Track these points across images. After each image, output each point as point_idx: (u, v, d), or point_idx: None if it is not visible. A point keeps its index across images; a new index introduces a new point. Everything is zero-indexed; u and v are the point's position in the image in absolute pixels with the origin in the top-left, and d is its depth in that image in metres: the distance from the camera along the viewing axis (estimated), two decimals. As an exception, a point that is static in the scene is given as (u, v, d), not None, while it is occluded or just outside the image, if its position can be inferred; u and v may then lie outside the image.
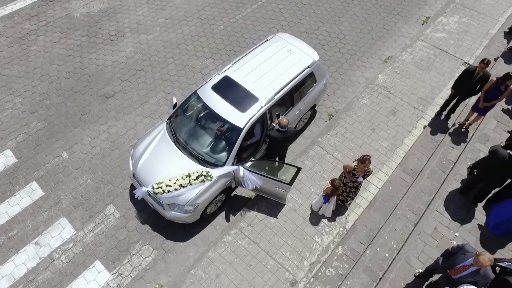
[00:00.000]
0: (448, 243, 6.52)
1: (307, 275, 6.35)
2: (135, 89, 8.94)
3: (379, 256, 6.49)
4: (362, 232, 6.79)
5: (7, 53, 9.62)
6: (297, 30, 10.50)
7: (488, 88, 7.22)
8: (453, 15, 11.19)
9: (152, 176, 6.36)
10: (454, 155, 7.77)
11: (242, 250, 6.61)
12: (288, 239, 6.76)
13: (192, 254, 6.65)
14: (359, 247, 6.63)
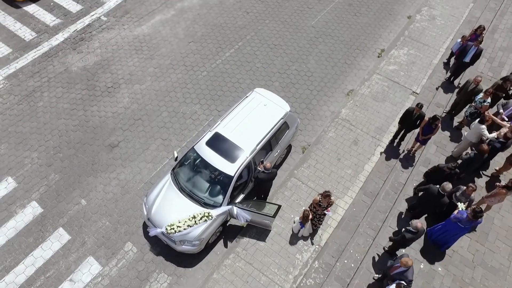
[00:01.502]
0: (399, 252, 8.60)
1: (292, 286, 8.30)
2: (136, 137, 10.63)
3: (347, 266, 8.50)
4: (333, 248, 8.79)
5: (17, 111, 11.11)
6: (270, 71, 12.40)
7: (424, 125, 9.33)
8: (403, 48, 13.35)
9: (164, 219, 8.14)
10: (403, 178, 9.88)
11: (240, 270, 8.49)
12: (275, 258, 8.68)
13: (200, 277, 8.49)
14: (331, 260, 8.62)
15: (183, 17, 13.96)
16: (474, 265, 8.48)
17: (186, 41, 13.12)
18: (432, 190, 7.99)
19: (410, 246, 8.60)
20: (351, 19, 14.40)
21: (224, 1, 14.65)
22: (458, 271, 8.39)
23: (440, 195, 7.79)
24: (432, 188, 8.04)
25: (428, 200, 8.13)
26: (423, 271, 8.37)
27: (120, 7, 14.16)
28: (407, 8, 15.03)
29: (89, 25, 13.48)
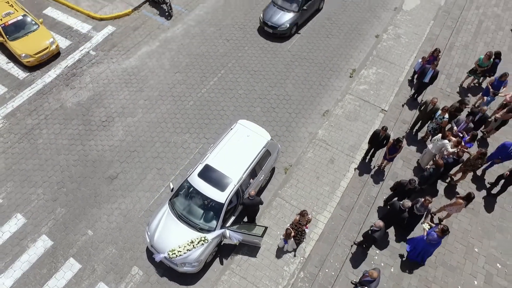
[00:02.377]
0: (371, 259, 10.07)
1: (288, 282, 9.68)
2: (132, 168, 11.81)
3: (328, 275, 9.92)
4: (316, 259, 10.19)
5: (19, 149, 12.13)
6: (252, 97, 13.72)
7: (389, 147, 10.82)
8: (372, 67, 14.86)
9: (166, 245, 9.38)
10: (375, 191, 11.36)
11: (235, 285, 9.80)
12: (266, 272, 10.02)
13: None
14: (315, 270, 10.02)
15: (168, 47, 15.13)
16: (436, 265, 10.02)
17: (172, 72, 14.31)
18: (395, 206, 9.48)
19: (383, 253, 10.09)
20: (324, 41, 15.83)
21: (205, 30, 15.88)
22: (422, 272, 9.91)
23: (401, 211, 9.28)
24: (395, 204, 9.52)
25: (392, 215, 9.61)
26: (394, 274, 9.85)
27: (107, 40, 15.23)
28: (375, 27, 16.56)
29: (79, 60, 14.52)
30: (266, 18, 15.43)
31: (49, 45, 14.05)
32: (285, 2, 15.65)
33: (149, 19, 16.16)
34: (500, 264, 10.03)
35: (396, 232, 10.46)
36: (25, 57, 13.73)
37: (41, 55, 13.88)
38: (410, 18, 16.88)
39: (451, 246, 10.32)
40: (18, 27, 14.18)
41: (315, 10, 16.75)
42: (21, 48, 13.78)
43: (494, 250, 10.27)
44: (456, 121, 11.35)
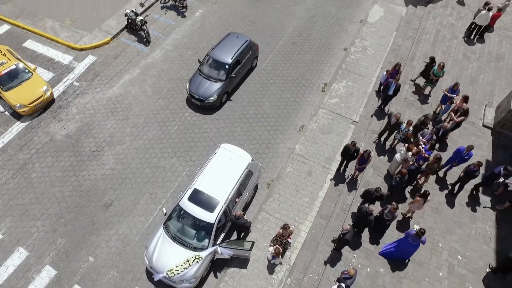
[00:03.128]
0: (350, 261, 11.45)
1: (272, 301, 10.94)
2: (126, 195, 12.82)
3: (312, 279, 11.24)
4: (300, 265, 11.50)
5: (14, 185, 12.95)
6: (232, 118, 14.90)
7: (359, 158, 12.21)
8: (342, 80, 16.27)
9: (164, 265, 10.49)
10: (349, 199, 12.75)
11: (229, 296, 11.01)
12: (256, 281, 11.26)
13: None
14: (300, 276, 11.33)
15: (149, 74, 16.13)
16: (406, 261, 11.48)
17: (154, 98, 15.33)
18: (362, 210, 10.92)
19: (359, 256, 11.48)
20: (296, 58, 17.16)
21: (183, 54, 16.94)
22: (395, 268, 11.34)
23: (367, 214, 10.71)
24: (363, 208, 10.96)
25: (360, 218, 11.05)
26: (370, 273, 11.26)
27: (90, 70, 16.10)
28: (343, 41, 17.99)
29: (64, 92, 15.36)
30: (192, 90, 14.62)
31: (44, 93, 14.33)
32: (212, 70, 14.85)
33: (128, 46, 17.09)
34: (461, 255, 11.58)
35: (370, 236, 11.87)
36: (20, 107, 14.01)
37: (36, 104, 14.15)
38: (375, 30, 18.40)
39: (419, 244, 11.80)
40: (11, 77, 14.38)
41: (249, 69, 16.21)
42: (16, 99, 14.01)
43: (455, 244, 11.82)
44: (422, 133, 12.84)
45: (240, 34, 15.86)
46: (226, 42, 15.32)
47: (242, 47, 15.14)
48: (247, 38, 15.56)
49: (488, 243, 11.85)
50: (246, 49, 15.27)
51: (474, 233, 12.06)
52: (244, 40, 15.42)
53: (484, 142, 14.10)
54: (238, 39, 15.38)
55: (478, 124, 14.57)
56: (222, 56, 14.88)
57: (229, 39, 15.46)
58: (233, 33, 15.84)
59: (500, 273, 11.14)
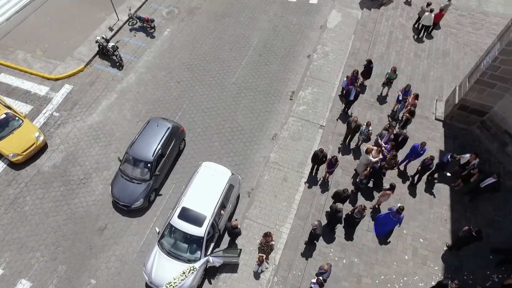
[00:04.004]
0: (327, 255, 13.05)
1: (262, 299, 12.41)
2: (118, 218, 13.89)
3: (296, 275, 12.77)
4: (284, 264, 13.01)
5: (7, 220, 13.76)
6: (209, 134, 16.12)
7: (328, 163, 13.76)
8: (308, 87, 17.75)
9: (162, 280, 11.74)
10: (323, 199, 14.32)
11: (224, 299, 12.40)
12: (247, 282, 12.69)
13: None
14: (285, 273, 12.84)
15: (126, 98, 17.08)
16: (376, 250, 13.20)
17: (134, 122, 16.33)
18: (332, 208, 12.55)
19: (336, 249, 13.09)
20: (264, 69, 18.49)
21: (156, 75, 17.95)
22: (367, 257, 13.05)
23: (336, 211, 12.34)
24: (332, 206, 12.59)
25: (331, 215, 12.69)
26: (346, 265, 12.90)
27: (68, 99, 16.88)
28: (306, 48, 19.45)
29: (45, 124, 16.11)
30: (116, 195, 13.60)
31: (36, 139, 14.62)
32: (134, 170, 13.82)
33: (102, 72, 17.92)
34: (422, 239, 13.41)
35: (345, 232, 13.50)
36: (13, 157, 14.27)
37: (29, 151, 14.46)
38: (334, 35, 19.94)
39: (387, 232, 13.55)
40: (2, 126, 14.53)
41: (177, 154, 15.29)
42: (8, 148, 14.24)
43: (417, 229, 13.63)
44: (380, 135, 14.50)
45: (161, 120, 14.69)
46: (146, 134, 14.18)
47: (164, 136, 14.06)
48: (168, 125, 14.44)
49: (444, 224, 13.73)
50: (169, 137, 14.22)
51: (432, 217, 13.91)
52: (166, 127, 14.30)
53: (437, 134, 15.98)
54: (159, 128, 14.26)
55: (431, 118, 16.43)
56: (143, 152, 13.74)
57: (149, 129, 14.30)
58: (153, 121, 14.63)
59: (455, 249, 13.02)
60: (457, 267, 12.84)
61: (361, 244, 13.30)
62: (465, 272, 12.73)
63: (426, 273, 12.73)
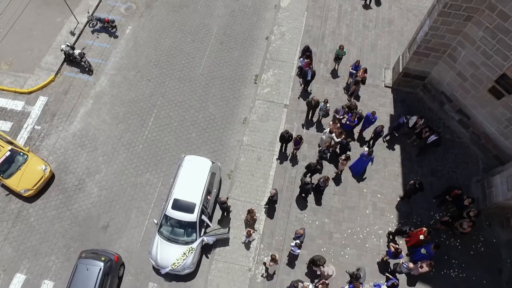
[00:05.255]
0: (304, 221, 15.69)
1: (253, 263, 15.06)
2: (117, 215, 15.91)
3: (278, 240, 15.39)
4: (267, 232, 15.58)
5: (17, 232, 15.52)
6: (186, 126, 17.92)
7: (294, 141, 16.03)
8: (269, 70, 19.55)
9: (167, 262, 14.09)
10: (294, 172, 16.75)
11: (222, 267, 14.97)
12: (238, 252, 15.23)
13: (201, 281, 14.79)
14: (269, 240, 15.46)
15: (102, 102, 18.41)
16: (342, 209, 15.95)
17: (114, 124, 17.86)
18: (302, 180, 15.10)
19: (309, 215, 15.75)
20: (226, 56, 20.03)
21: (126, 75, 19.21)
22: (335, 217, 15.80)
23: (305, 184, 14.86)
24: (302, 179, 15.12)
25: (302, 186, 15.26)
26: (318, 225, 15.62)
27: (46, 111, 18.05)
28: (263, 30, 20.96)
29: (30, 138, 17.41)
30: None
31: (43, 172, 15.61)
32: None
33: (73, 79, 19.00)
34: (380, 194, 16.24)
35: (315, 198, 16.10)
36: (25, 192, 15.34)
37: (39, 185, 15.48)
38: (288, 13, 21.45)
39: (350, 193, 16.26)
40: (9, 163, 15.35)
41: None
42: (19, 185, 15.23)
43: (375, 186, 16.41)
44: (336, 111, 16.75)
45: (90, 261, 13.63)
46: (77, 283, 13.38)
47: (97, 283, 13.29)
48: (99, 265, 13.50)
49: (397, 179, 16.57)
50: (102, 280, 13.41)
51: (387, 174, 16.69)
52: (97, 270, 13.41)
53: (387, 100, 18.44)
54: (89, 272, 13.43)
55: (381, 86, 18.80)
56: None
57: (79, 277, 13.44)
58: (81, 264, 13.64)
59: (406, 198, 15.93)
60: (408, 213, 15.83)
61: (330, 207, 16.00)
62: (414, 216, 15.76)
63: (384, 222, 15.68)
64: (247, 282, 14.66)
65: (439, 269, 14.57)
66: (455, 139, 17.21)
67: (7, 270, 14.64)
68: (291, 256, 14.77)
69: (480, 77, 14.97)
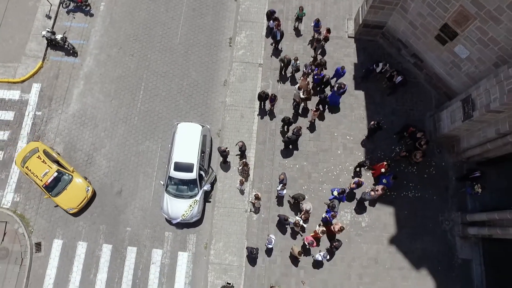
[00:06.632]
0: (286, 166, 18.87)
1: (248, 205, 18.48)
2: (127, 181, 18.83)
3: (266, 184, 18.65)
4: (257, 178, 18.76)
5: (45, 207, 18.39)
6: (173, 94, 20.16)
7: (270, 99, 18.61)
8: (242, 32, 21.40)
9: (177, 214, 17.37)
10: (273, 125, 19.56)
11: (223, 212, 18.37)
12: (235, 198, 18.53)
13: (208, 225, 18.26)
14: (259, 185, 18.69)
15: (92, 82, 20.34)
16: (317, 152, 19.11)
17: (108, 101, 20.02)
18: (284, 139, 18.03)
19: (290, 161, 18.90)
20: (200, 23, 21.67)
21: (110, 53, 20.89)
22: (311, 159, 18.97)
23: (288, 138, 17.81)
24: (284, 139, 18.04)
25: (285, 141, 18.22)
26: (298, 168, 18.84)
27: (42, 97, 20.00)
28: (231, -9, 22.34)
29: (34, 124, 19.59)
30: None
31: (86, 193, 17.65)
32: None
33: (60, 63, 20.65)
34: (348, 136, 19.35)
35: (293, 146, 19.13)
36: (71, 210, 17.59)
37: (82, 204, 17.66)
38: (252, -30, 22.65)
39: (323, 138, 19.33)
40: (56, 182, 17.36)
41: None
42: (66, 204, 17.43)
43: (344, 130, 19.44)
44: (305, 66, 19.12)
45: None
46: None
47: None
48: None
49: (363, 121, 19.58)
50: None
51: (354, 118, 19.67)
52: None
53: (350, 50, 20.79)
54: None
55: (344, 37, 21.00)
56: None
57: None
58: None
59: (370, 137, 19.09)
60: (373, 149, 19.10)
61: (307, 151, 19.13)
62: (378, 151, 19.06)
63: (354, 159, 18.98)
64: (245, 221, 18.20)
65: (399, 191, 18.28)
66: (411, 80, 19.97)
67: (45, 238, 17.83)
68: (279, 197, 18.21)
69: (427, 26, 17.36)
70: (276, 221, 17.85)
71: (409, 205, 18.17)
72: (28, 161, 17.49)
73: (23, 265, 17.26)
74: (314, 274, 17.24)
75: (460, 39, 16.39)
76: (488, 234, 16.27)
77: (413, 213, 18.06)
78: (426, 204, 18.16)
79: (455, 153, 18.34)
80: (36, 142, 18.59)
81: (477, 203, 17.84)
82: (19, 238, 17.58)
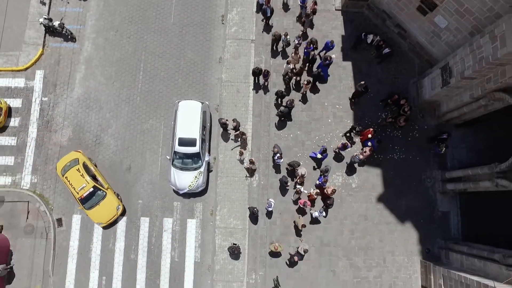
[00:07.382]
0: (281, 136, 20.56)
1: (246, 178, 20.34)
2: (135, 157, 20.49)
3: (263, 153, 20.42)
4: (255, 149, 20.53)
5: (62, 186, 20.14)
6: (171, 74, 21.44)
7: (263, 74, 19.98)
8: (233, 9, 22.37)
9: (184, 185, 19.20)
10: (268, 98, 21.04)
11: (226, 182, 20.21)
12: (235, 168, 20.36)
13: (213, 194, 20.19)
14: (256, 155, 20.47)
15: (93, 66, 21.49)
16: (310, 121, 20.74)
17: (110, 83, 21.29)
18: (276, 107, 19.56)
19: (282, 133, 20.59)
20: (192, 1, 22.54)
21: (107, 36, 21.89)
22: (305, 128, 20.62)
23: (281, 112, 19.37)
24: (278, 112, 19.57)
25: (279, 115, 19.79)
26: (293, 137, 20.53)
27: (47, 83, 21.18)
28: (219, -33, 23.05)
29: (42, 109, 20.92)
30: None
31: (116, 211, 18.89)
32: None
33: (60, 48, 21.67)
34: (338, 105, 20.93)
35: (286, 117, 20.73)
36: (100, 224, 19.00)
37: (111, 221, 19.04)
38: None
39: (314, 108, 20.91)
40: (90, 196, 18.51)
41: None
42: (97, 218, 18.73)
43: (334, 100, 21.00)
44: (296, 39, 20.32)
45: None
46: None
47: None
48: None
49: (351, 91, 21.08)
50: None
51: (342, 88, 21.18)
52: None
53: (338, 23, 21.94)
54: None
55: (332, 10, 22.07)
56: None
57: None
58: None
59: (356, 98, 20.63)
60: (361, 116, 20.78)
61: (300, 121, 20.77)
62: (366, 117, 20.75)
63: (343, 126, 20.69)
64: (246, 188, 20.14)
65: (386, 154, 20.18)
66: (396, 49, 21.30)
67: (65, 214, 19.70)
68: (276, 165, 20.05)
69: (409, -3, 18.62)
70: (274, 187, 19.78)
71: (395, 166, 20.12)
72: (68, 171, 18.69)
73: (48, 238, 19.22)
74: (311, 232, 19.41)
75: (439, 9, 17.66)
76: (463, 188, 18.35)
77: (398, 173, 20.05)
78: (410, 164, 20.12)
79: (436, 117, 20.10)
80: (77, 152, 19.51)
81: (455, 162, 19.84)
82: (41, 215, 19.44)
